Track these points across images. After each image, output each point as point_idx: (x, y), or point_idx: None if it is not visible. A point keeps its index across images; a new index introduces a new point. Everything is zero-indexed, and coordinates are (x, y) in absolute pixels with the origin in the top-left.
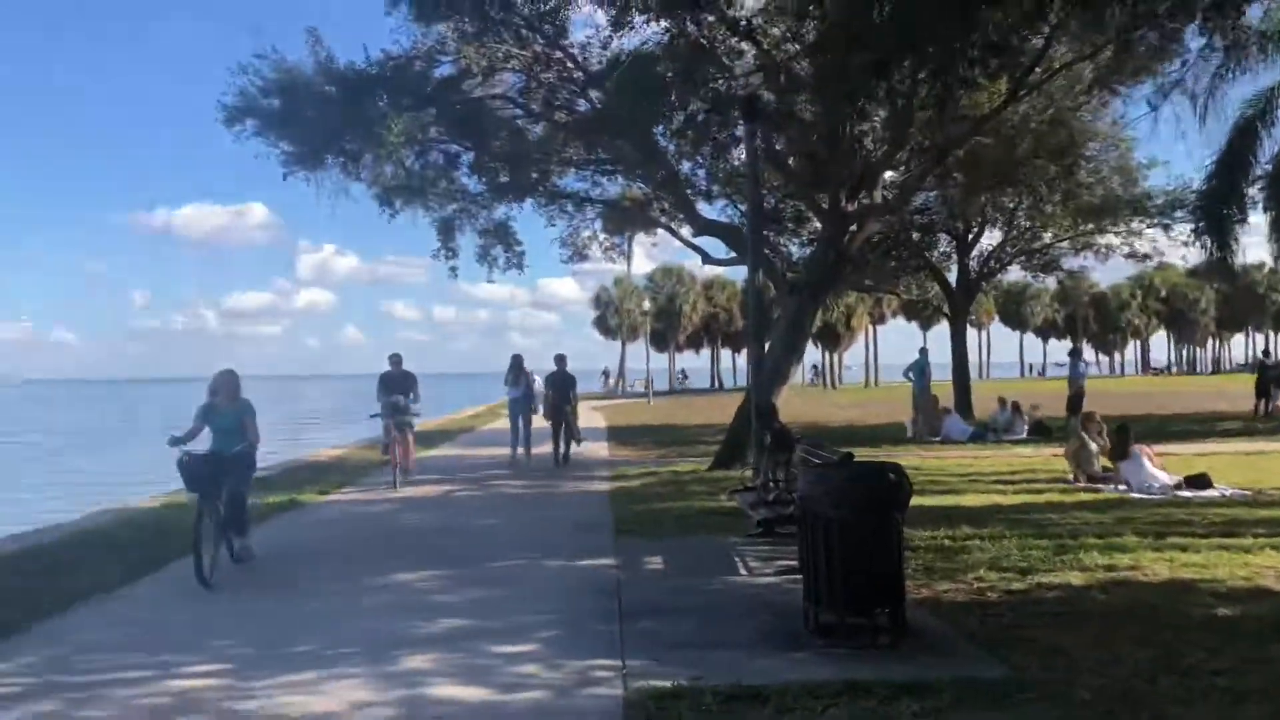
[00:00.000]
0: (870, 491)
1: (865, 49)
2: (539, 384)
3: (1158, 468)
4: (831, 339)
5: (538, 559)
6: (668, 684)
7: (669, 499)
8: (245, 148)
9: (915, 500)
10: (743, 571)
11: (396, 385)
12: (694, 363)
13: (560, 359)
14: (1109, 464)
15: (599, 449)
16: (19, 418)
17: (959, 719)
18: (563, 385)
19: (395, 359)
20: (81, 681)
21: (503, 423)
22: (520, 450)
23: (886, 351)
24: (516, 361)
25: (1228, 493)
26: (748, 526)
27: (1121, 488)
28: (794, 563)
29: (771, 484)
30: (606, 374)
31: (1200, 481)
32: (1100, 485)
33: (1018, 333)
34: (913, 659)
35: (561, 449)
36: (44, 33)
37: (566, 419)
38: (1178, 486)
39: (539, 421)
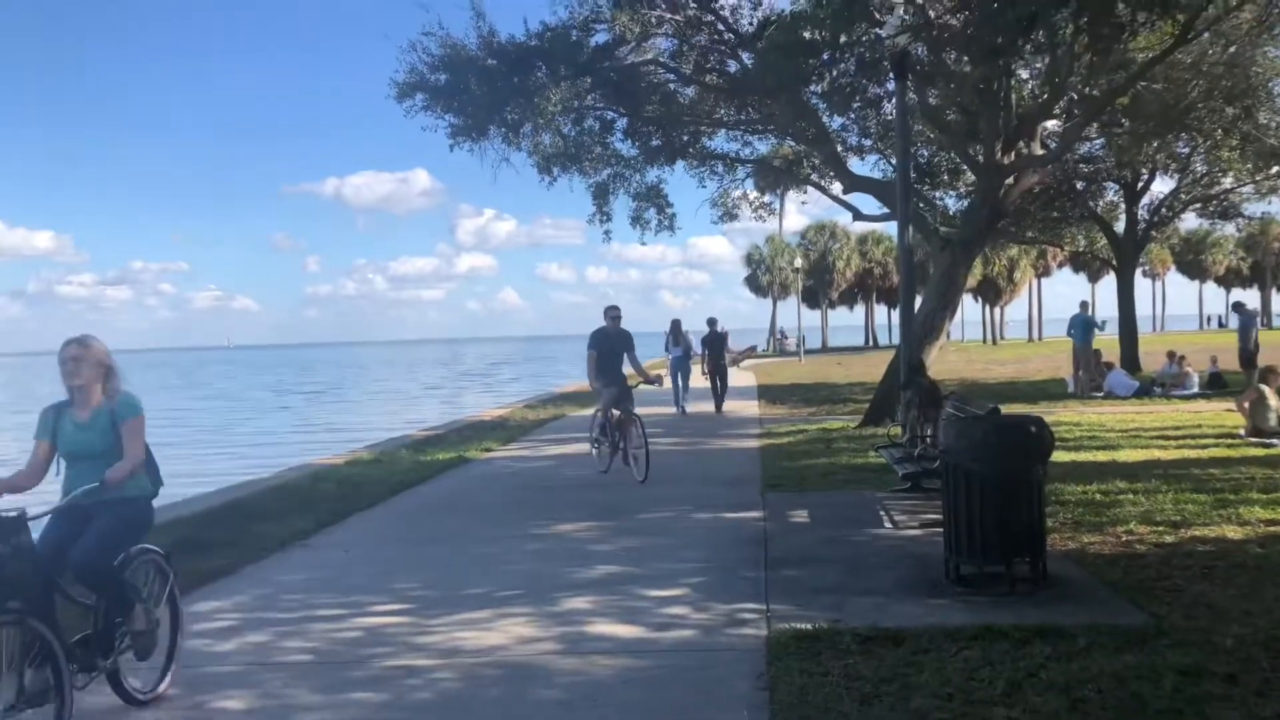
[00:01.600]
0: (1010, 443)
1: (1014, 3)
2: (696, 345)
3: None
4: (993, 293)
5: (688, 512)
6: (809, 626)
7: (817, 455)
8: (414, 121)
9: (1070, 455)
10: (887, 525)
11: (616, 348)
12: (847, 319)
13: (712, 321)
14: None
15: (749, 407)
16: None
17: (1092, 662)
18: (715, 344)
19: (613, 313)
20: (287, 618)
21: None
22: (682, 405)
23: (1053, 304)
24: (675, 325)
25: None
26: (895, 482)
27: None
28: (938, 516)
29: (919, 439)
30: (783, 335)
31: None
32: (1274, 441)
33: (1197, 282)
34: (1051, 606)
35: (718, 398)
36: (224, 13)
37: (722, 373)
38: None
39: (697, 378)
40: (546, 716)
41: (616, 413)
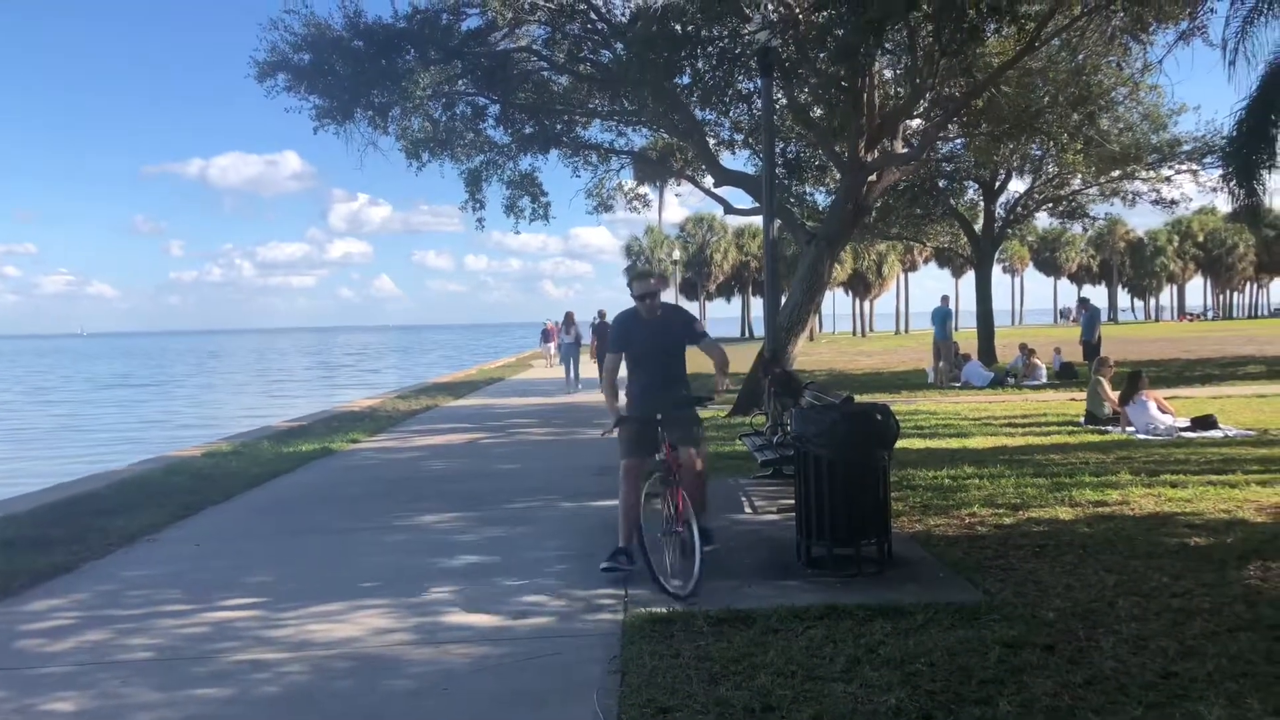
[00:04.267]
0: (857, 430)
1: (863, 7)
2: (586, 335)
3: (1165, 411)
4: (862, 286)
5: (554, 501)
6: (664, 610)
7: None
8: (277, 102)
9: (925, 442)
10: (747, 510)
11: (663, 342)
12: (725, 311)
13: (601, 313)
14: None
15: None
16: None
17: (927, 637)
18: (602, 331)
19: (648, 286)
20: (129, 614)
21: (529, 373)
22: (572, 381)
23: (920, 298)
24: (568, 316)
25: (1231, 433)
26: (757, 469)
27: (1130, 429)
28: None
29: (779, 428)
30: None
31: (1205, 422)
32: (1109, 427)
33: (1052, 279)
34: (895, 586)
35: None
36: None
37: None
38: (1184, 429)
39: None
40: (395, 707)
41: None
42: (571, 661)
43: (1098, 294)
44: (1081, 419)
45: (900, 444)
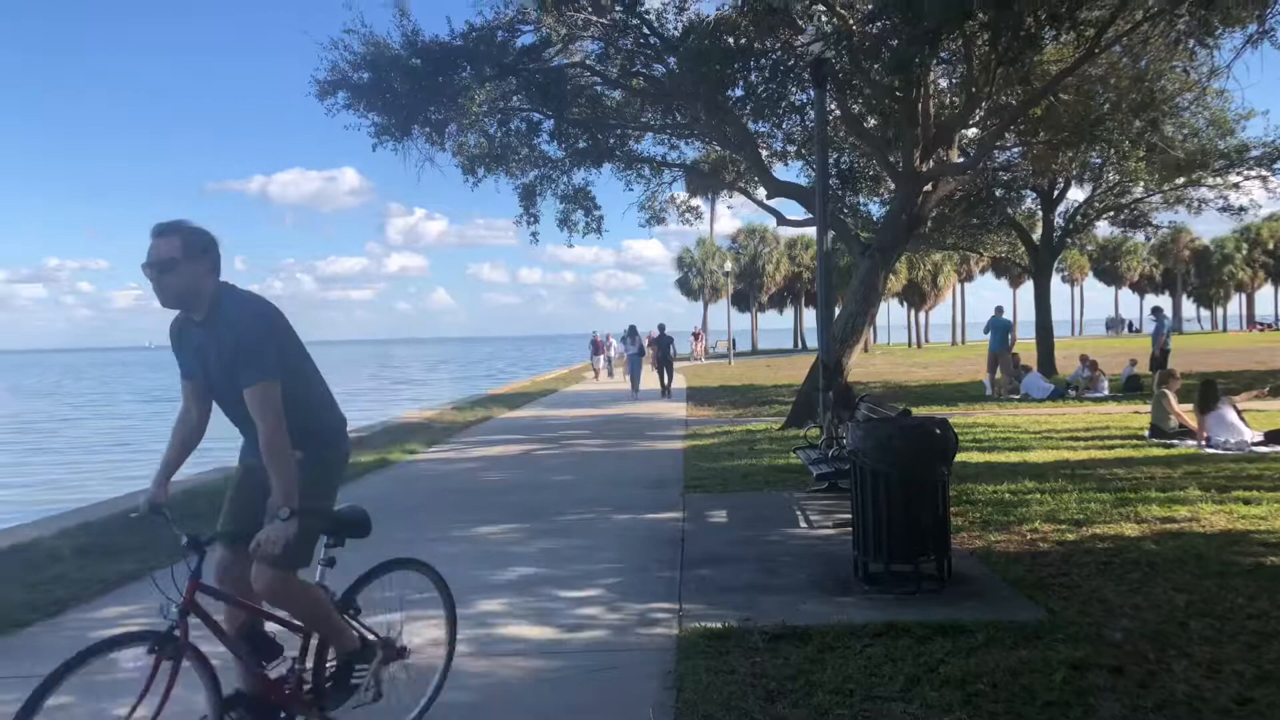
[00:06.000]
0: (915, 444)
1: (920, 16)
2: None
3: (1242, 422)
4: (917, 297)
5: (608, 513)
6: (719, 625)
7: (739, 457)
8: (337, 119)
9: (984, 456)
10: (802, 525)
11: None
12: (777, 322)
13: (662, 326)
14: (1192, 420)
15: (677, 409)
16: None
17: (989, 656)
18: (664, 344)
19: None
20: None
21: (582, 385)
22: (635, 388)
23: (976, 308)
24: (631, 328)
25: None
26: (812, 482)
27: (1201, 443)
28: (851, 516)
29: (834, 441)
30: (696, 335)
31: None
32: (1175, 441)
33: (1113, 288)
34: (954, 604)
35: (665, 383)
36: (145, 9)
37: (668, 365)
38: (1258, 442)
39: (647, 370)
40: (452, 718)
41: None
42: (627, 676)
43: (1162, 303)
44: (1146, 433)
45: (959, 457)
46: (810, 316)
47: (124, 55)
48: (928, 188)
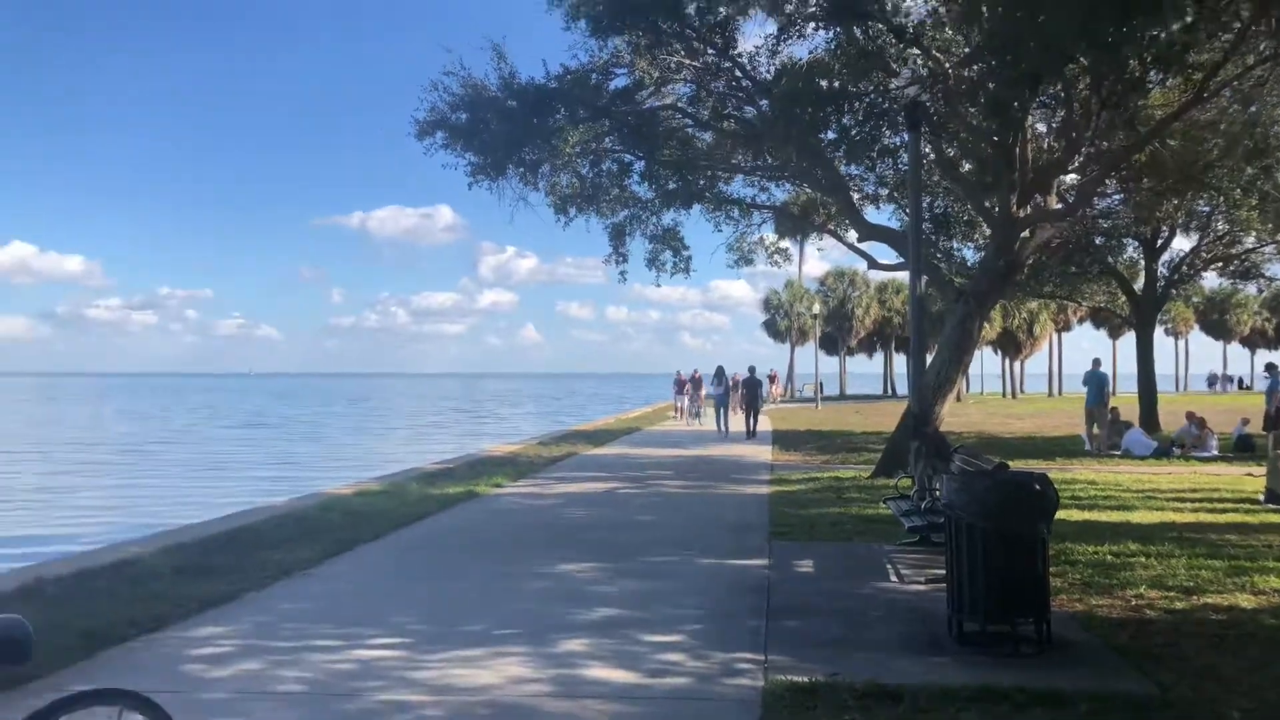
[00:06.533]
0: (1014, 500)
1: (1019, 60)
2: (738, 384)
3: None
4: (1012, 346)
5: (691, 557)
6: (806, 679)
7: (826, 504)
8: (434, 158)
9: (1083, 514)
10: (893, 578)
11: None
12: (865, 367)
13: (752, 369)
14: None
15: (762, 452)
16: (250, 408)
17: None
18: (751, 385)
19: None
20: (284, 646)
21: (666, 424)
22: (722, 428)
23: (1074, 359)
24: (719, 370)
25: None
26: (903, 535)
27: None
28: (944, 572)
29: (927, 492)
30: (772, 378)
31: None
32: None
33: (1220, 342)
34: (1055, 670)
35: (751, 426)
36: (254, 51)
37: (755, 407)
38: None
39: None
40: None
41: None
42: None
43: (1276, 359)
44: (1261, 496)
45: (1056, 515)
46: (900, 362)
47: (232, 97)
48: (1025, 234)
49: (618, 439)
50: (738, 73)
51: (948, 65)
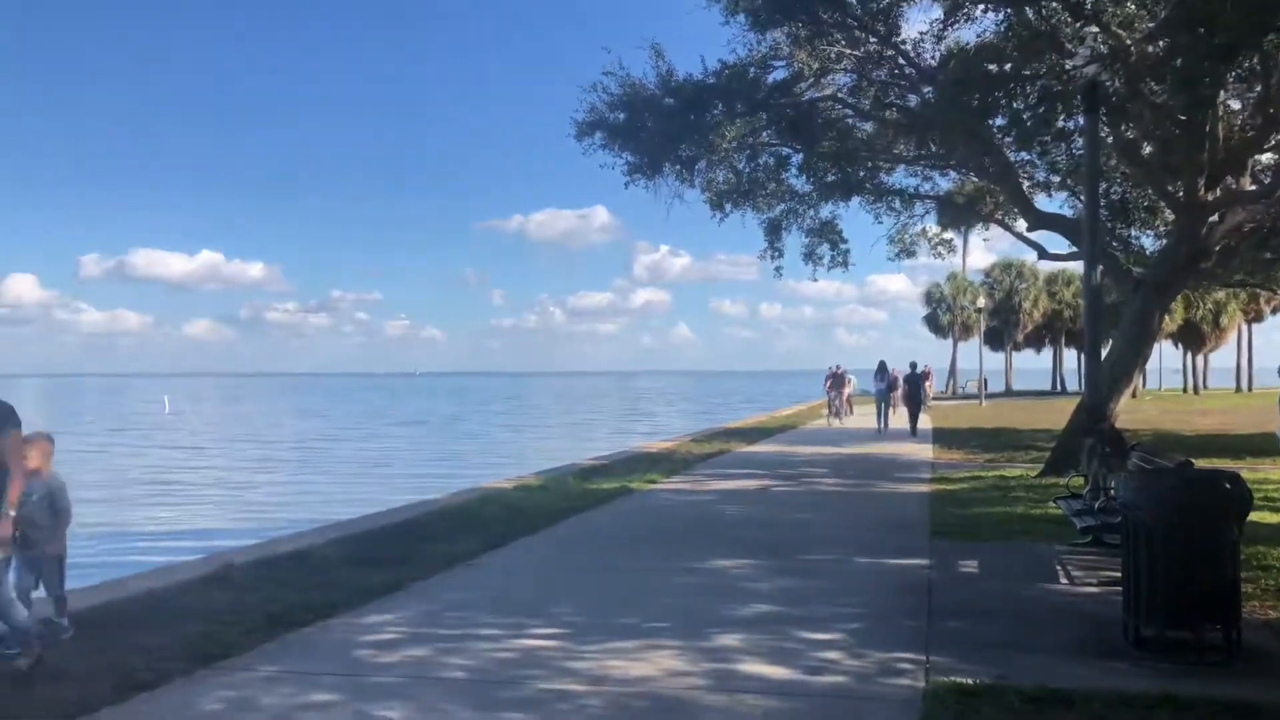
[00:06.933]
0: (1200, 499)
1: (1213, 31)
2: (900, 380)
3: None
4: (1195, 339)
5: (849, 555)
6: (970, 681)
7: (991, 504)
8: (592, 159)
9: (1276, 517)
10: (1063, 580)
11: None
12: (1034, 362)
13: (914, 364)
14: None
15: (922, 450)
16: (416, 407)
17: None
18: (914, 381)
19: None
20: (448, 634)
21: (821, 422)
22: (881, 425)
23: (1266, 353)
24: (881, 365)
25: None
26: (1074, 535)
27: None
28: (1119, 574)
29: (1101, 492)
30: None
31: None
32: None
33: None
34: (1244, 680)
35: (914, 423)
36: (415, 63)
37: (918, 403)
38: None
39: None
40: None
41: None
42: None
43: None
44: None
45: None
46: (1070, 357)
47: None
48: (1213, 219)
49: (771, 436)
50: (901, 60)
51: (1129, 42)
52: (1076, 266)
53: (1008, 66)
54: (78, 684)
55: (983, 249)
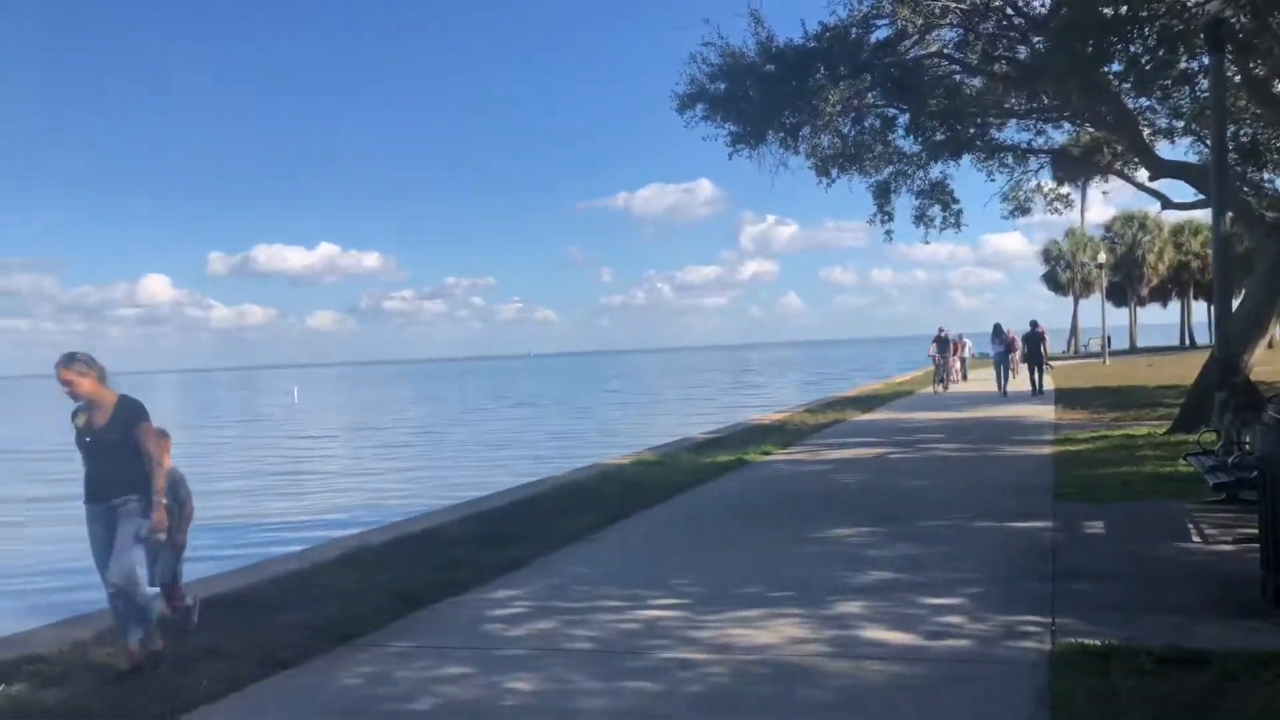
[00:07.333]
0: None
1: None
2: (1018, 341)
3: None
4: None
5: (969, 520)
6: (1098, 642)
7: (1117, 463)
8: (694, 132)
9: None
10: (1195, 539)
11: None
12: (1159, 317)
13: (1034, 323)
14: None
15: (1044, 412)
16: (528, 389)
17: None
18: (1033, 340)
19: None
20: (573, 607)
21: (939, 387)
22: (1001, 388)
23: None
24: (997, 327)
25: None
26: (1206, 493)
27: None
28: (1255, 531)
29: (1235, 446)
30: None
31: None
32: None
33: None
34: None
35: (1037, 383)
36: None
37: (1039, 363)
38: None
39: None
40: (814, 718)
41: None
42: (993, 690)
43: None
44: None
45: None
46: (1199, 310)
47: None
48: None
49: (886, 403)
50: (1009, 10)
51: None
52: (1204, 215)
53: (1124, 8)
54: (227, 661)
55: (1102, 202)
